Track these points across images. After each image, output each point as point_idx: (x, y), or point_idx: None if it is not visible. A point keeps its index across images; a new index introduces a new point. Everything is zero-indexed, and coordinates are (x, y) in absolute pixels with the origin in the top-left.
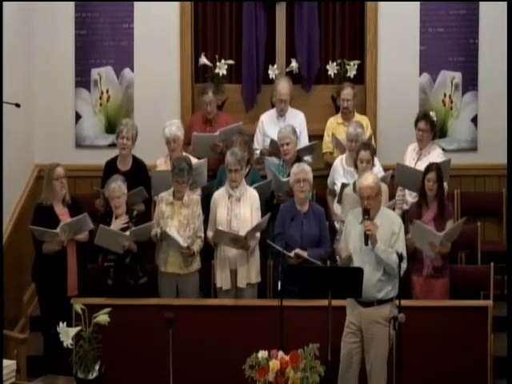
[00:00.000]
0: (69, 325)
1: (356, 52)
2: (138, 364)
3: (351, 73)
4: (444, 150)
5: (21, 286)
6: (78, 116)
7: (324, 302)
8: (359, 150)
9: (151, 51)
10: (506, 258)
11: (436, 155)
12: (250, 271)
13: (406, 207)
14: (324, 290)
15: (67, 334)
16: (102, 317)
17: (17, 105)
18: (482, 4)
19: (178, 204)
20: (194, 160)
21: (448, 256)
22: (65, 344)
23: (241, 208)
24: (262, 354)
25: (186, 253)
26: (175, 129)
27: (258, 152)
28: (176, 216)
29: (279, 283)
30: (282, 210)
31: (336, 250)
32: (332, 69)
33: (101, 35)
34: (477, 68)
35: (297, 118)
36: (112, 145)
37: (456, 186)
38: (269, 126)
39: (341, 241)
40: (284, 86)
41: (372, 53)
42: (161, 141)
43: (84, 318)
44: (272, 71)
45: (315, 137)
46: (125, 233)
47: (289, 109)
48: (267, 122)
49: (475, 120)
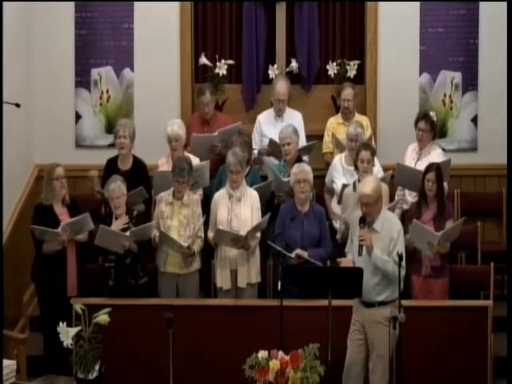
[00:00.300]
0: (69, 325)
1: (356, 52)
2: (138, 364)
3: (351, 73)
4: (444, 150)
5: (21, 286)
6: (78, 116)
7: (324, 302)
8: (359, 150)
9: (151, 51)
10: (506, 258)
11: (436, 155)
12: (251, 271)
13: (406, 207)
14: (324, 290)
15: (67, 334)
16: (102, 317)
17: (17, 105)
18: (482, 4)
19: (178, 204)
20: (196, 161)
21: (447, 256)
22: (65, 344)
23: (241, 208)
24: (262, 354)
25: (187, 253)
26: (177, 128)
27: (256, 152)
28: (176, 216)
29: (279, 283)
30: (283, 211)
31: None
32: (332, 69)
33: (101, 35)
34: (477, 68)
35: (294, 118)
36: (112, 145)
37: (456, 186)
38: (266, 126)
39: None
40: (282, 86)
41: (372, 53)
42: (161, 141)
43: (84, 318)
44: (272, 71)
45: (315, 137)
46: (125, 233)
47: (286, 109)
48: (264, 122)
49: (475, 120)
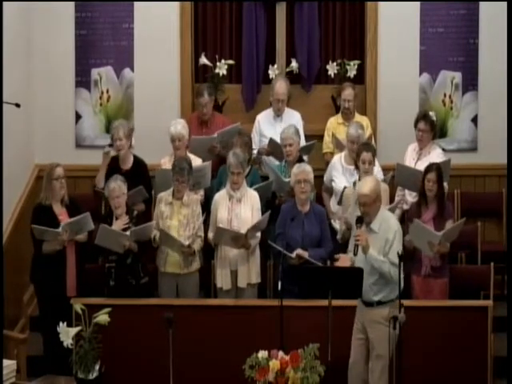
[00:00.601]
0: (69, 325)
1: (356, 52)
2: (138, 364)
3: (351, 73)
4: (444, 150)
5: (21, 286)
6: (78, 116)
7: (324, 302)
8: (361, 151)
9: (151, 51)
10: (506, 258)
11: (436, 155)
12: (251, 271)
13: (406, 207)
14: (324, 290)
15: (67, 334)
16: (102, 317)
17: (17, 105)
18: (482, 4)
19: (178, 204)
20: (198, 161)
21: (447, 256)
22: (65, 344)
23: (241, 209)
24: (262, 354)
25: (187, 252)
26: (180, 127)
27: (255, 152)
28: (175, 216)
29: (279, 283)
30: (283, 211)
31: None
32: (332, 69)
33: (101, 35)
34: (477, 68)
35: (293, 118)
36: (112, 145)
37: (456, 186)
38: (265, 126)
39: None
40: (281, 86)
41: (372, 53)
42: (161, 140)
43: (84, 318)
44: (272, 71)
45: (315, 137)
46: (125, 233)
47: (285, 109)
48: (263, 122)
49: (475, 120)
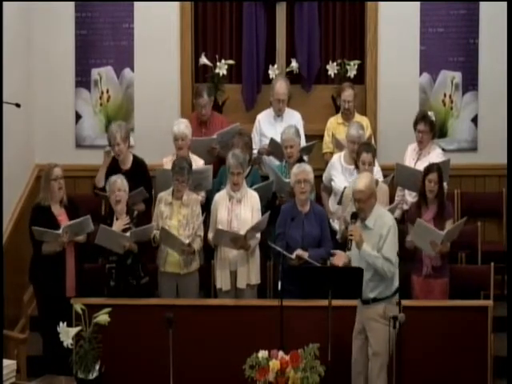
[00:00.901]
0: (69, 325)
1: (356, 52)
2: (138, 364)
3: (351, 73)
4: (444, 150)
5: (21, 286)
6: (78, 116)
7: (324, 302)
8: (361, 152)
9: (151, 51)
10: (506, 258)
11: (436, 155)
12: (250, 272)
13: (406, 207)
14: (324, 290)
15: (67, 334)
16: (102, 317)
17: (17, 105)
18: (482, 4)
19: (177, 204)
20: (200, 162)
21: (447, 256)
22: (65, 344)
23: (241, 209)
24: (263, 354)
25: (187, 250)
26: (184, 127)
27: (256, 151)
28: (175, 216)
29: (279, 283)
30: (283, 211)
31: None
32: (332, 69)
33: (101, 35)
34: (477, 68)
35: (294, 118)
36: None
37: (456, 186)
38: (266, 126)
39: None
40: (281, 86)
41: (372, 53)
42: (161, 140)
43: (84, 318)
44: (272, 71)
45: (315, 137)
46: (125, 234)
47: (286, 109)
48: (264, 122)
49: (475, 120)
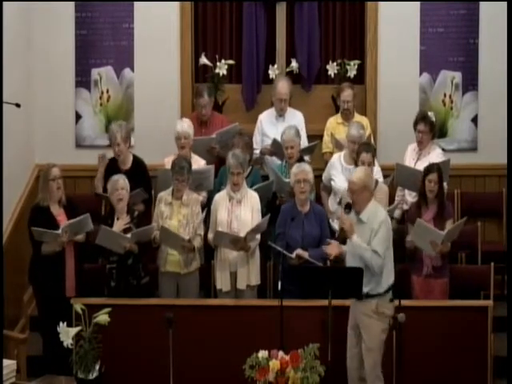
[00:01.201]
0: (69, 325)
1: (356, 52)
2: (138, 364)
3: (351, 73)
4: (444, 150)
5: (21, 286)
6: (78, 116)
7: (324, 302)
8: (360, 152)
9: (151, 51)
10: (506, 258)
11: (436, 155)
12: (250, 273)
13: (406, 207)
14: (324, 290)
15: (67, 334)
16: (102, 317)
17: (17, 105)
18: (482, 4)
19: (177, 204)
20: (202, 163)
21: (447, 256)
22: (65, 344)
23: (241, 210)
24: (263, 354)
25: (188, 247)
26: (187, 126)
27: (258, 152)
28: (175, 216)
29: (279, 283)
30: (283, 211)
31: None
32: (332, 69)
33: (101, 35)
34: (477, 68)
35: (296, 118)
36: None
37: (456, 186)
38: (268, 126)
39: None
40: (283, 86)
41: (372, 53)
42: (161, 140)
43: (84, 318)
44: (272, 71)
45: (315, 137)
46: (126, 235)
47: (288, 109)
48: (266, 122)
49: (475, 120)
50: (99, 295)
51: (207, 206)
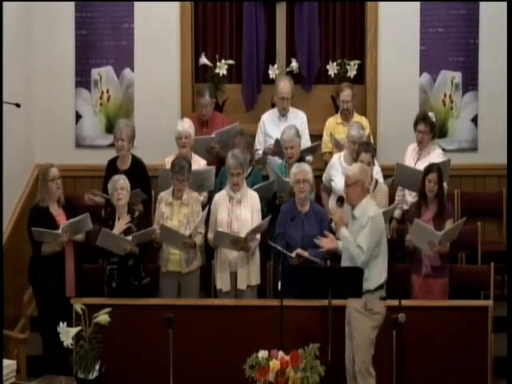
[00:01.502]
0: (69, 325)
1: (356, 52)
2: (138, 364)
3: (351, 73)
4: (444, 150)
5: (21, 286)
6: (79, 116)
7: (324, 302)
8: (360, 152)
9: (151, 51)
10: (506, 258)
11: (436, 155)
12: (250, 273)
13: (406, 207)
14: (324, 290)
15: (67, 334)
16: (102, 317)
17: (17, 105)
18: (482, 4)
19: (178, 203)
20: (203, 163)
21: (447, 256)
22: (65, 344)
23: (241, 210)
24: (263, 354)
25: (189, 243)
26: (188, 126)
27: (261, 152)
28: (176, 216)
29: (279, 283)
30: (283, 211)
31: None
32: (332, 69)
33: (101, 35)
34: (477, 68)
35: (298, 118)
36: (112, 145)
37: (456, 186)
38: (270, 126)
39: None
40: (285, 84)
41: (372, 53)
42: (161, 140)
43: (84, 318)
44: (272, 71)
45: (315, 136)
46: (127, 237)
47: (290, 109)
48: (268, 122)
49: (475, 120)
50: (99, 295)
51: (208, 206)
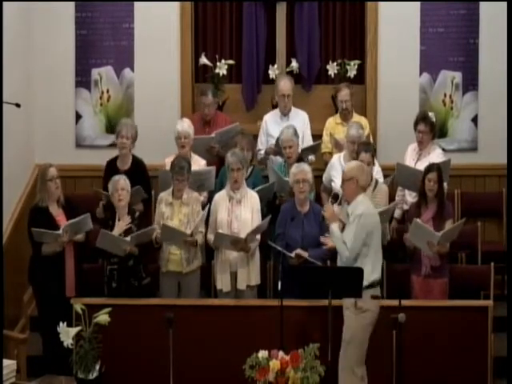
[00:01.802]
0: (69, 325)
1: (356, 52)
2: (138, 364)
3: (351, 73)
4: (444, 150)
5: (21, 286)
6: (79, 116)
7: (324, 302)
8: (360, 152)
9: (151, 51)
10: (506, 258)
11: (436, 155)
12: (250, 273)
13: (406, 207)
14: (324, 290)
15: (67, 334)
16: (103, 317)
17: (17, 105)
18: (482, 4)
19: (178, 203)
20: (202, 163)
21: (447, 256)
22: (65, 344)
23: (241, 210)
24: (263, 354)
25: (190, 241)
26: (187, 126)
27: (263, 152)
28: (176, 215)
29: (279, 283)
30: (283, 211)
31: None
32: (332, 69)
33: (101, 35)
34: (477, 68)
35: (300, 118)
36: (112, 145)
37: (456, 186)
38: (272, 126)
39: None
40: (285, 83)
41: (372, 53)
42: (161, 141)
43: (84, 318)
44: (272, 71)
45: (315, 137)
46: (126, 238)
47: (292, 108)
48: (270, 122)
49: (475, 120)
50: (99, 295)
51: (208, 206)
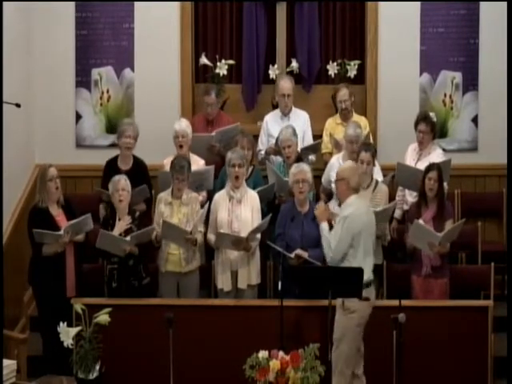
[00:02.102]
0: (69, 325)
1: (356, 52)
2: (138, 364)
3: (351, 73)
4: (444, 150)
5: (21, 286)
6: (79, 116)
7: (324, 302)
8: (360, 151)
9: (151, 51)
10: (506, 258)
11: (436, 155)
12: (251, 273)
13: (406, 207)
14: (324, 290)
15: (68, 334)
16: (103, 317)
17: (17, 105)
18: (482, 4)
19: (177, 203)
20: (201, 163)
21: (447, 256)
22: (65, 344)
23: (241, 209)
24: (263, 354)
25: (190, 239)
26: (185, 125)
27: (263, 152)
28: (175, 215)
29: (279, 283)
30: (283, 211)
31: None
32: (332, 69)
33: (101, 35)
34: (477, 68)
35: (301, 118)
36: (112, 145)
37: (456, 186)
38: (273, 126)
39: None
40: (286, 82)
41: (372, 53)
42: (161, 141)
43: (84, 318)
44: (272, 71)
45: (315, 137)
46: (126, 238)
47: (293, 108)
48: (271, 122)
49: (475, 120)
50: (99, 295)
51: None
